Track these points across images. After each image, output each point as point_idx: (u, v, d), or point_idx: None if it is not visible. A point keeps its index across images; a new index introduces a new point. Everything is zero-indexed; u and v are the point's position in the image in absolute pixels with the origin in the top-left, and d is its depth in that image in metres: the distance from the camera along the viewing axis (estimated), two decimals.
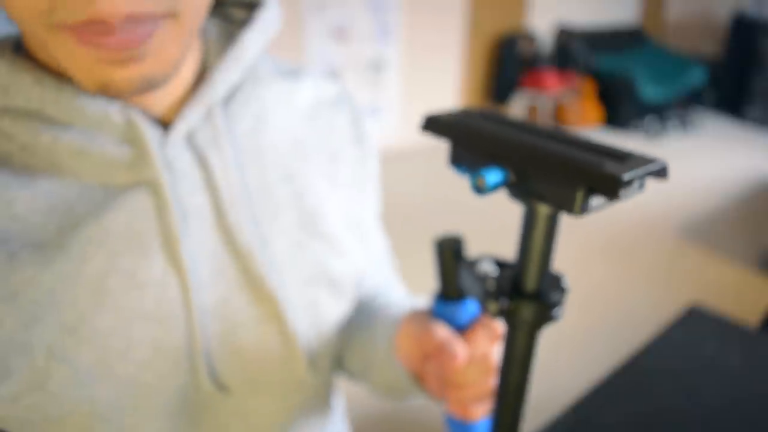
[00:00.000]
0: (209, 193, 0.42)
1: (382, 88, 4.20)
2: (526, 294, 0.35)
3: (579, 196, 0.29)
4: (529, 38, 5.04)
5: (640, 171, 0.28)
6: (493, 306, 0.36)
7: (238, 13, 0.49)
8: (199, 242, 0.42)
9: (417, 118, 4.59)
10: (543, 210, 0.33)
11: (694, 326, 1.03)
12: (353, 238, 0.53)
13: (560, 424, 0.81)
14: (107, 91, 0.35)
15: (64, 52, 0.33)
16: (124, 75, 0.34)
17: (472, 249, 3.00)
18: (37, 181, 0.37)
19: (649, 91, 5.08)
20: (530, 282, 0.35)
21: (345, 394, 1.59)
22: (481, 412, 0.44)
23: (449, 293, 0.43)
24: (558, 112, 5.30)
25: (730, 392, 0.87)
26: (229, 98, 0.44)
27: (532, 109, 5.43)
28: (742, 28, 5.52)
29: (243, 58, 0.43)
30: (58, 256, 0.37)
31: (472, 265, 0.40)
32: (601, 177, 0.27)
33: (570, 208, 0.30)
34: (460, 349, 0.42)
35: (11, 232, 0.36)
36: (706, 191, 3.91)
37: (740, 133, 5.33)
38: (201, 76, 0.44)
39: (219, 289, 0.43)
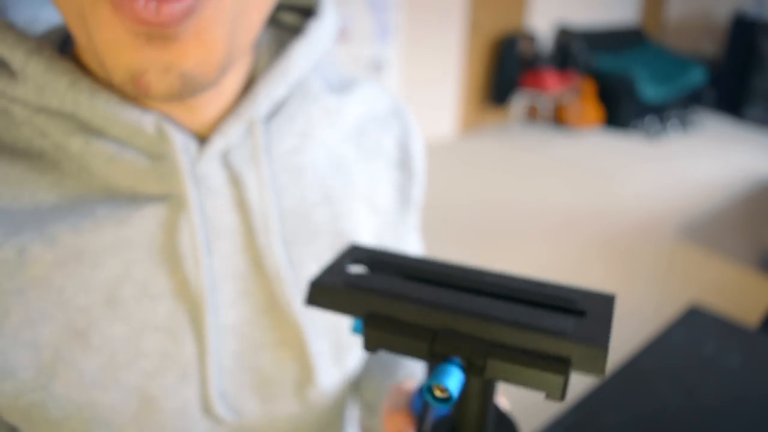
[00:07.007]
0: (240, 213, 0.40)
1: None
2: None
3: (561, 382, 0.22)
4: (529, 38, 5.04)
5: (608, 332, 0.23)
6: None
7: (288, 17, 0.46)
8: (226, 261, 0.40)
9: (417, 118, 4.59)
10: (477, 384, 0.26)
11: (694, 326, 1.03)
12: None
13: (560, 424, 0.81)
14: (138, 85, 0.30)
15: (100, 27, 0.29)
16: (159, 62, 0.29)
17: (471, 247, 2.99)
18: (65, 181, 0.36)
19: (649, 91, 5.08)
20: None
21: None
22: None
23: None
24: (558, 112, 5.30)
25: (730, 392, 0.87)
26: (273, 114, 0.42)
27: (532, 109, 5.43)
28: (742, 28, 5.52)
29: (290, 73, 0.40)
30: (72, 259, 0.36)
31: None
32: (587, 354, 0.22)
33: (555, 395, 0.23)
34: None
35: (29, 226, 0.35)
36: (706, 191, 3.91)
37: (740, 133, 5.33)
38: (247, 90, 0.41)
39: (243, 309, 0.42)
